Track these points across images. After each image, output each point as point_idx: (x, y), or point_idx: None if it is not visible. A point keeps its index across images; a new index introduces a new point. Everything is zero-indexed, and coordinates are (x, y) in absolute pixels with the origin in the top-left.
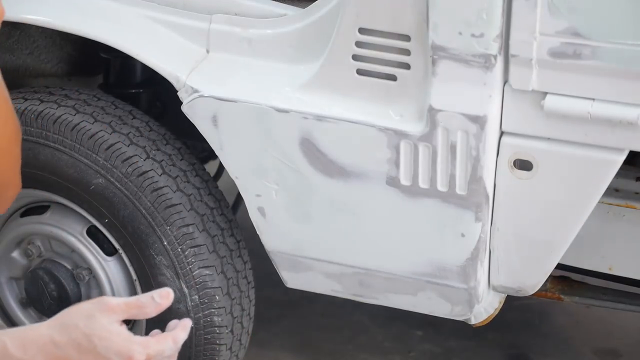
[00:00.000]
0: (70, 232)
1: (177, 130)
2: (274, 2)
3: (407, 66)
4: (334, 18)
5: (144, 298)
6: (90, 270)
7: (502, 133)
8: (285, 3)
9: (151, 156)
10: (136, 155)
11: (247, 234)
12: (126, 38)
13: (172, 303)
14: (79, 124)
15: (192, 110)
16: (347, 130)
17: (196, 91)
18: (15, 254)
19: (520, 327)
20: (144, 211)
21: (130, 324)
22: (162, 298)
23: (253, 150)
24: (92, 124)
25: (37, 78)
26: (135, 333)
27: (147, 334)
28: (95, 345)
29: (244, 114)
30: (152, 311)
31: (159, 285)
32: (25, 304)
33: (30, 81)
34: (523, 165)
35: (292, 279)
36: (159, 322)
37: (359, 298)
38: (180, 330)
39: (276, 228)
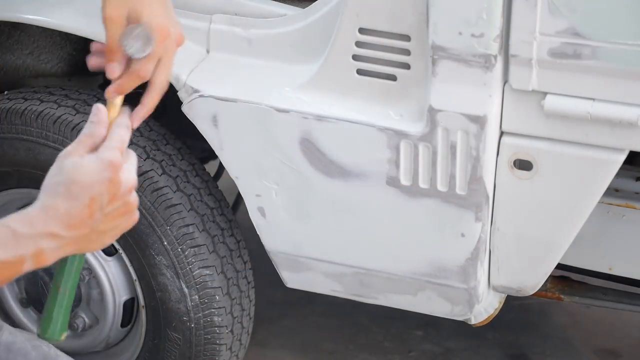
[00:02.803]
0: None
1: (177, 130)
2: (274, 2)
3: (407, 66)
4: (334, 18)
5: (86, 128)
6: (91, 270)
7: (502, 133)
8: (285, 3)
9: (151, 156)
10: (136, 155)
11: (247, 234)
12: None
13: (172, 303)
14: (79, 124)
15: (192, 110)
16: (347, 130)
17: (196, 91)
18: None
19: (520, 327)
20: (144, 211)
21: (131, 324)
22: (95, 115)
23: (253, 150)
24: None
25: (37, 78)
26: (134, 335)
27: (147, 332)
28: (81, 183)
29: (243, 113)
30: (101, 130)
31: (160, 285)
32: (25, 303)
33: (30, 81)
34: (523, 165)
35: (292, 279)
36: (158, 323)
37: (359, 298)
38: (122, 116)
39: (276, 228)
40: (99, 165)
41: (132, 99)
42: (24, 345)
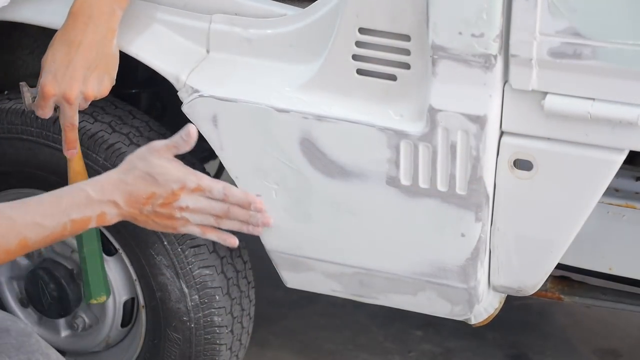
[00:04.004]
0: None
1: (177, 130)
2: (274, 2)
3: (407, 66)
4: (334, 18)
5: (175, 138)
6: None
7: (502, 133)
8: (285, 3)
9: None
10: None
11: (247, 234)
12: (126, 38)
13: (172, 303)
14: (79, 123)
15: (192, 110)
16: (347, 130)
17: (196, 91)
18: None
19: (520, 327)
20: None
21: (131, 324)
22: (187, 136)
23: (253, 150)
24: (92, 124)
25: (37, 78)
26: (134, 335)
27: (147, 332)
28: (156, 179)
29: (244, 114)
30: (186, 147)
31: (160, 285)
32: (25, 303)
33: (30, 81)
34: (523, 165)
35: (292, 279)
36: (158, 323)
37: (359, 298)
38: (235, 188)
39: (276, 228)
40: (175, 176)
41: (132, 99)
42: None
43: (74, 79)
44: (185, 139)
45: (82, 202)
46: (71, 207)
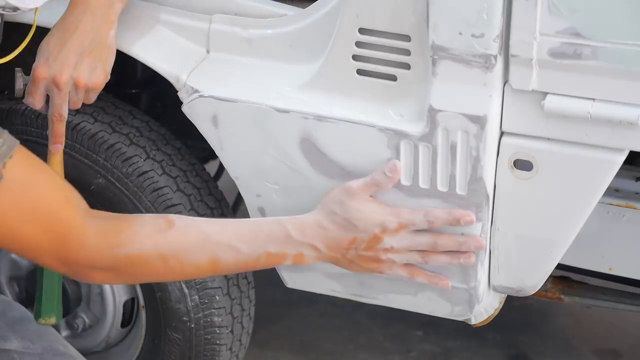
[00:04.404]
0: None
1: (177, 130)
2: (274, 2)
3: (407, 66)
4: (334, 18)
5: (377, 176)
6: None
7: (502, 133)
8: (285, 3)
9: (151, 156)
10: (136, 155)
11: None
12: (126, 38)
13: (172, 303)
14: (79, 124)
15: (192, 110)
16: (347, 130)
17: (196, 91)
18: (16, 254)
19: (520, 327)
20: (144, 211)
21: (131, 324)
22: (391, 172)
23: (253, 150)
24: (92, 124)
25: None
26: (134, 335)
27: (147, 332)
28: (355, 225)
29: (244, 114)
30: (388, 185)
31: (159, 285)
32: (25, 304)
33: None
34: (523, 165)
35: (292, 279)
36: (158, 323)
37: (359, 298)
38: (436, 209)
39: None
40: (376, 221)
41: (132, 99)
42: None
43: (65, 63)
44: (389, 175)
45: (282, 239)
46: (270, 241)
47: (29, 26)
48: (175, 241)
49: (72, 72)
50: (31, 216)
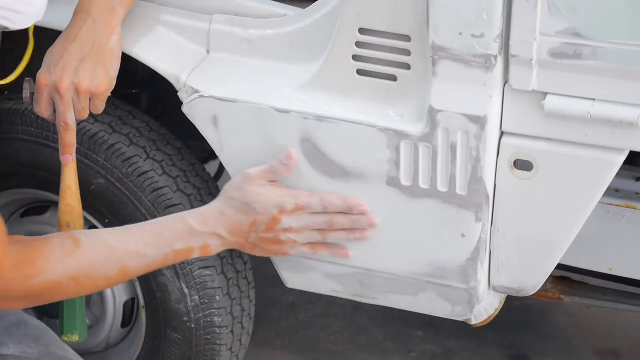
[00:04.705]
0: None
1: (177, 130)
2: (274, 2)
3: (407, 66)
4: (334, 18)
5: (274, 163)
6: None
7: (502, 133)
8: (285, 3)
9: (151, 156)
10: (136, 155)
11: None
12: (126, 38)
13: (172, 303)
14: (79, 124)
15: (192, 110)
16: (347, 131)
17: (196, 91)
18: None
19: (520, 327)
20: (144, 211)
21: (131, 324)
22: (287, 159)
23: (253, 150)
24: (92, 124)
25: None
26: (134, 335)
27: (147, 332)
28: (254, 207)
29: (244, 114)
30: (285, 172)
31: (159, 285)
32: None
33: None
34: (523, 165)
35: (292, 279)
36: (158, 323)
37: (359, 298)
38: (332, 195)
39: None
40: (272, 201)
41: (132, 99)
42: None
43: (65, 69)
44: (285, 162)
45: (185, 233)
46: (174, 238)
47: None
48: (83, 260)
49: (73, 77)
50: None
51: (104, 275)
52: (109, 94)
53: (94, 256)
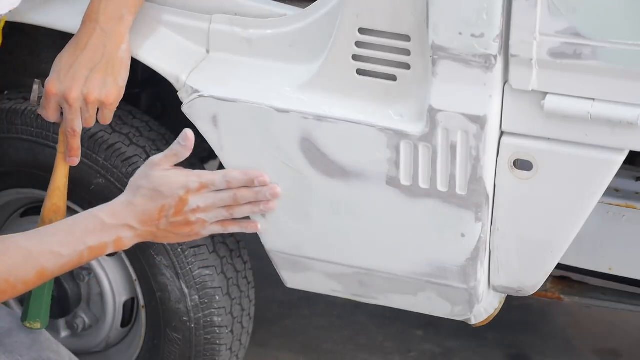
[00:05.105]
0: None
1: (177, 130)
2: (274, 2)
3: (407, 66)
4: (334, 18)
5: (174, 146)
6: (90, 270)
7: (502, 133)
8: (285, 3)
9: (151, 156)
10: (136, 155)
11: (247, 234)
12: None
13: (172, 303)
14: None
15: (192, 110)
16: (347, 131)
17: (196, 91)
18: None
19: (520, 327)
20: None
21: (131, 324)
22: (185, 140)
23: (253, 150)
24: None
25: (38, 78)
26: (134, 335)
27: (147, 332)
28: (161, 191)
29: (244, 114)
30: (185, 153)
31: (160, 285)
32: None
33: (30, 81)
34: (523, 165)
35: (292, 279)
36: (158, 323)
37: (359, 298)
38: (234, 170)
39: (276, 228)
40: (180, 183)
41: (132, 99)
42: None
43: (75, 79)
44: (183, 143)
45: (97, 229)
46: (86, 234)
47: (29, 25)
48: (1, 266)
49: (83, 87)
50: None
51: (22, 279)
52: (118, 104)
53: (10, 260)
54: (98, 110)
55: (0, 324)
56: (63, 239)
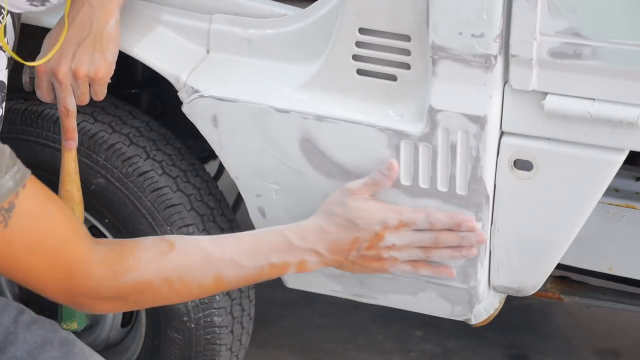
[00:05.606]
0: None
1: (177, 130)
2: (274, 2)
3: (407, 66)
4: (334, 18)
5: (375, 175)
6: None
7: (502, 133)
8: (285, 3)
9: (151, 156)
10: (136, 155)
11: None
12: (126, 38)
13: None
14: (79, 124)
15: (192, 110)
16: (347, 131)
17: (196, 91)
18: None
19: (520, 327)
20: (144, 211)
21: (131, 324)
22: (389, 170)
23: (253, 150)
24: (92, 124)
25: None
26: (135, 334)
27: (147, 332)
28: (356, 223)
29: (244, 114)
30: (386, 183)
31: None
32: (27, 304)
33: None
34: (523, 165)
35: (292, 279)
36: (158, 323)
37: (359, 298)
38: (439, 212)
39: None
40: (378, 219)
41: (132, 99)
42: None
43: (63, 55)
44: (386, 173)
45: (284, 248)
46: (271, 251)
47: (29, 25)
48: (178, 263)
49: (71, 63)
50: (39, 248)
51: (199, 283)
52: (109, 80)
53: (189, 260)
54: (91, 87)
55: (34, 338)
56: (246, 250)
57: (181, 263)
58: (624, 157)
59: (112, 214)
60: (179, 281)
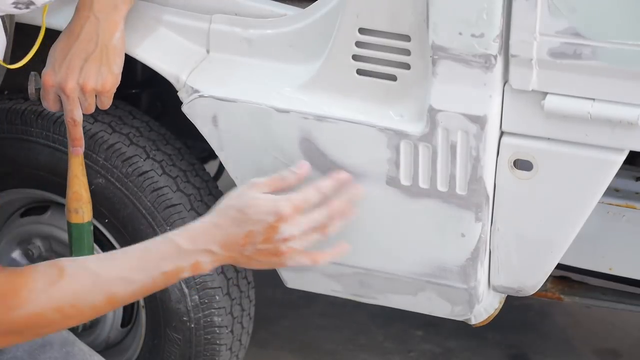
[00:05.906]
0: None
1: (177, 130)
2: (274, 2)
3: (407, 66)
4: (334, 18)
5: (284, 172)
6: None
7: (502, 133)
8: (285, 3)
9: (151, 156)
10: (136, 155)
11: None
12: (126, 38)
13: (172, 303)
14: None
15: (192, 110)
16: (347, 130)
17: (196, 91)
18: (16, 255)
19: (520, 327)
20: (144, 211)
21: (131, 324)
22: (299, 169)
23: (253, 150)
24: (92, 124)
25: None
26: (135, 334)
27: (147, 332)
28: (248, 215)
29: (244, 114)
30: (294, 182)
31: None
32: None
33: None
34: (523, 165)
35: (292, 279)
36: (158, 323)
37: (359, 298)
38: (324, 179)
39: None
40: (269, 208)
41: (132, 99)
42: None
43: (70, 69)
44: (295, 171)
45: (173, 254)
46: (162, 260)
47: (29, 25)
48: (68, 290)
49: (78, 77)
50: None
51: (91, 305)
52: (115, 90)
53: (78, 285)
54: (97, 98)
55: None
56: (135, 264)
57: (71, 289)
58: (623, 157)
59: (112, 214)
60: (71, 308)
